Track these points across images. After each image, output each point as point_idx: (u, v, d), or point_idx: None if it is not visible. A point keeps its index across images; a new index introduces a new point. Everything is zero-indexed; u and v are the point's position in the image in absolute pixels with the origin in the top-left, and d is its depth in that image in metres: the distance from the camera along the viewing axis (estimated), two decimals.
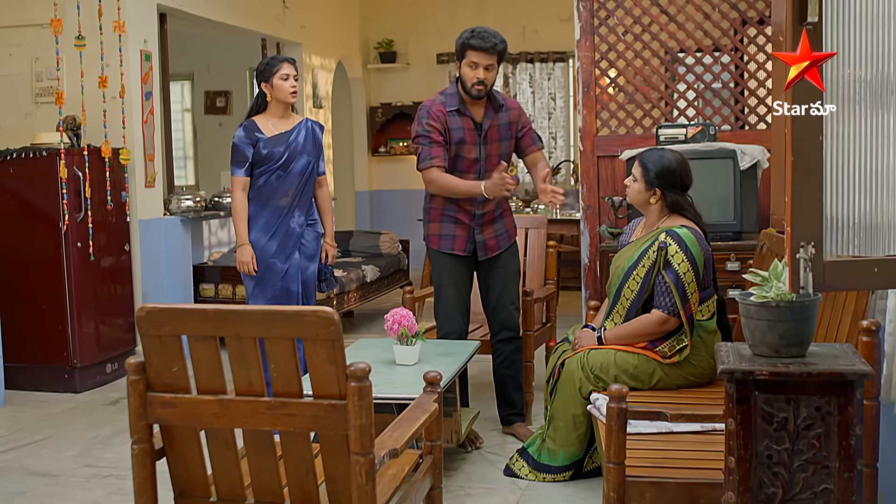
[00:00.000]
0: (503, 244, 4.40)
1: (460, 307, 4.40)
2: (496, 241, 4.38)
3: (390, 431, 2.54)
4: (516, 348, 4.46)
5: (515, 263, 4.48)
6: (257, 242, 4.51)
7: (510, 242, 4.43)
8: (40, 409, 5.28)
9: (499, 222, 4.39)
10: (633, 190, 3.73)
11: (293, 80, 4.52)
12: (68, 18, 5.62)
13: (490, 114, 4.29)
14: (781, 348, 2.21)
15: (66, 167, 5.45)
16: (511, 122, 4.35)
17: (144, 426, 2.41)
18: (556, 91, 10.11)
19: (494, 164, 4.26)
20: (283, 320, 2.22)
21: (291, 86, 4.51)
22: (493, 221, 4.37)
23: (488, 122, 4.28)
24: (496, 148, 4.30)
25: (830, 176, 2.08)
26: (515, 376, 4.49)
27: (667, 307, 3.50)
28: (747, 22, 5.36)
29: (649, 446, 3.03)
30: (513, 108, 4.38)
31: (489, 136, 4.29)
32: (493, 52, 4.16)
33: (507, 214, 4.45)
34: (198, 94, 10.62)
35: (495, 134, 4.30)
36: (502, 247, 4.40)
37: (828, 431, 2.15)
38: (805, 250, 2.04)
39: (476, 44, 4.15)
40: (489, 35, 4.17)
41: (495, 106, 4.31)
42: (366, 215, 10.75)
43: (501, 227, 4.40)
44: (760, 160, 4.80)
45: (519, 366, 4.50)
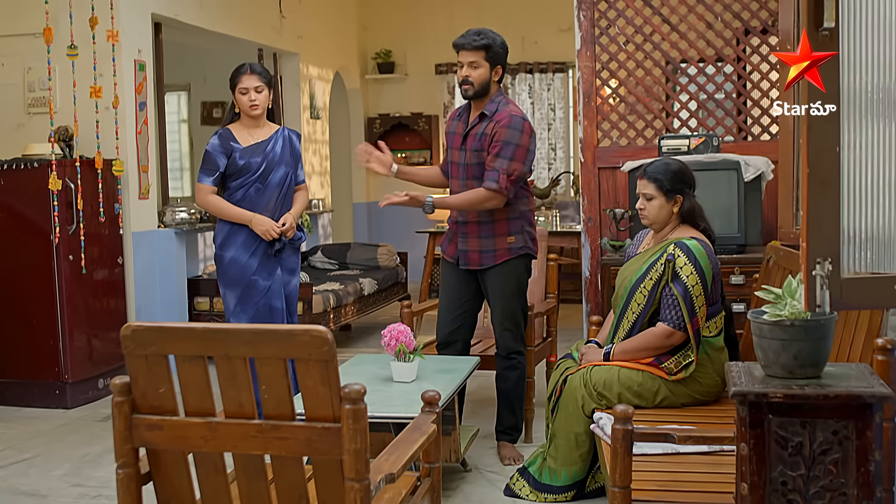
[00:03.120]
0: (487, 262, 4.19)
1: (447, 316, 4.31)
2: (479, 255, 4.20)
3: (387, 455, 2.44)
4: (509, 366, 4.31)
5: (510, 285, 4.22)
6: (238, 260, 4.38)
7: (495, 262, 4.18)
8: (30, 425, 5.17)
9: (486, 238, 4.18)
10: (653, 208, 3.58)
11: (253, 92, 4.37)
12: (61, 27, 5.53)
13: (475, 121, 4.17)
14: (796, 369, 2.11)
15: (58, 179, 5.36)
16: (486, 133, 4.10)
17: (130, 450, 2.30)
18: (555, 102, 10.04)
19: (473, 173, 4.14)
20: (274, 339, 2.12)
21: (250, 100, 4.37)
22: (479, 236, 4.18)
23: (470, 128, 4.17)
24: (472, 157, 4.15)
25: (847, 188, 1.99)
26: (505, 393, 4.36)
27: (673, 320, 3.40)
28: (750, 31, 5.28)
29: (655, 468, 2.93)
30: (494, 121, 4.08)
31: (468, 143, 4.17)
32: (471, 47, 4.05)
33: (501, 234, 4.17)
34: (194, 105, 10.53)
35: (472, 142, 4.16)
36: (485, 264, 4.19)
37: (845, 457, 2.05)
38: (822, 267, 1.95)
39: (457, 41, 4.10)
40: (471, 32, 4.09)
41: (482, 113, 4.14)
42: (364, 227, 10.65)
43: (489, 244, 4.18)
44: (765, 171, 4.71)
45: (512, 384, 4.33)
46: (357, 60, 10.42)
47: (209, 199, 4.39)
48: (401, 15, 10.50)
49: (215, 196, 4.40)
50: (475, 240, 4.21)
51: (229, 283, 4.41)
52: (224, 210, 4.38)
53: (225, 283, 4.42)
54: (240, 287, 4.39)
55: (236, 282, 4.39)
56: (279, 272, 4.47)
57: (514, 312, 4.27)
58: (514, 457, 4.27)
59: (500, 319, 4.26)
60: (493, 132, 4.07)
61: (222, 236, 4.43)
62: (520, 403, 4.39)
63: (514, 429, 4.40)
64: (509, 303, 4.26)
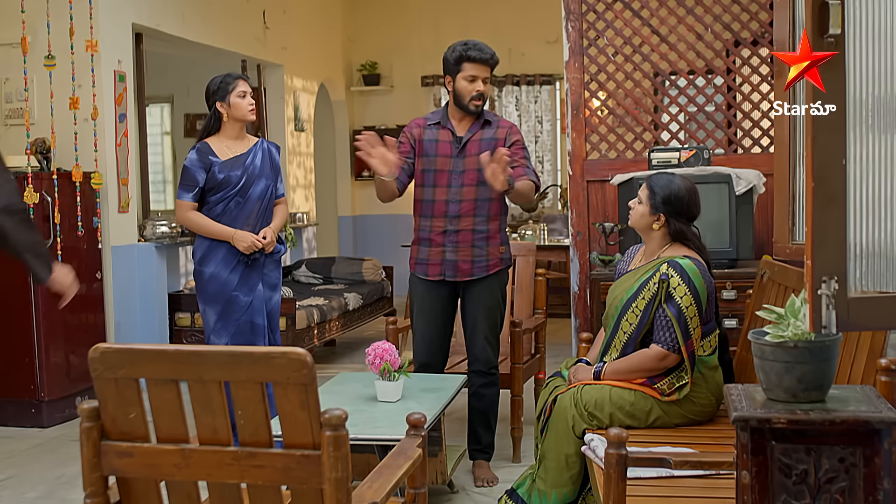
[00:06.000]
0: (478, 272, 4.12)
1: (426, 337, 4.20)
2: (471, 265, 4.11)
3: (370, 482, 2.33)
4: (488, 383, 4.22)
5: (497, 297, 4.19)
6: (218, 276, 4.26)
7: (488, 273, 4.13)
8: (4, 445, 5.02)
9: (480, 248, 4.11)
10: (636, 213, 3.53)
11: (250, 97, 4.33)
12: (38, 37, 5.42)
13: (474, 128, 4.12)
14: (799, 392, 2.01)
15: (35, 192, 5.23)
16: (497, 137, 4.11)
17: (99, 478, 2.18)
18: (542, 114, 9.97)
19: (472, 179, 4.06)
20: (250, 362, 2.01)
21: (249, 103, 4.31)
22: (473, 245, 4.10)
23: (469, 135, 4.10)
24: (474, 162, 4.05)
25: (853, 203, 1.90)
26: (483, 411, 4.25)
27: (667, 342, 3.30)
28: (741, 43, 5.21)
29: (649, 492, 2.82)
30: (503, 126, 4.17)
31: (468, 150, 4.09)
32: (491, 62, 4.08)
33: (494, 243, 4.15)
34: (177, 117, 10.42)
35: (475, 147, 4.08)
36: (477, 274, 4.12)
37: (852, 485, 1.95)
38: (827, 285, 1.85)
39: (475, 55, 4.02)
40: (484, 46, 4.08)
41: (482, 121, 4.13)
42: (349, 241, 10.54)
43: (482, 253, 4.12)
44: (756, 185, 4.63)
45: (489, 402, 4.24)
46: (342, 72, 10.33)
47: (189, 216, 4.28)
48: (387, 26, 10.42)
49: (196, 213, 4.29)
50: (468, 249, 4.11)
51: (209, 300, 4.28)
52: (205, 227, 4.27)
53: (205, 300, 4.30)
54: (220, 303, 4.27)
55: (216, 298, 4.27)
56: (260, 288, 4.35)
57: (496, 324, 4.21)
58: (488, 478, 4.19)
59: (484, 332, 4.18)
60: (506, 135, 4.13)
61: (202, 251, 4.31)
62: (495, 420, 4.31)
63: (490, 447, 4.31)
64: (493, 314, 4.19)
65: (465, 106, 4.05)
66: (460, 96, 4.05)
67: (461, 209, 4.08)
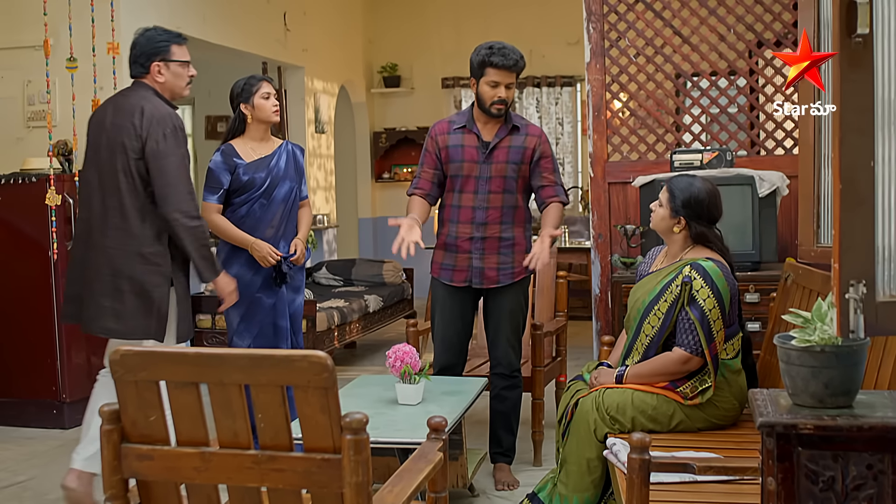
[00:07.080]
0: (504, 280, 4.10)
1: (447, 341, 4.17)
2: (496, 273, 4.09)
3: (391, 486, 2.31)
4: (510, 385, 4.21)
5: (521, 301, 4.19)
6: (242, 277, 4.24)
7: (513, 280, 4.11)
8: (26, 446, 5.04)
9: (506, 255, 4.09)
10: (657, 216, 3.51)
11: (274, 99, 4.33)
12: (60, 40, 5.44)
13: (501, 133, 4.07)
14: (826, 398, 1.98)
15: (57, 193, 5.24)
16: (526, 146, 4.07)
17: (119, 481, 2.17)
18: (563, 116, 9.94)
19: (498, 186, 4.04)
20: (270, 365, 1.99)
21: (273, 104, 4.32)
22: (499, 252, 4.09)
23: (497, 140, 4.06)
24: (502, 169, 4.04)
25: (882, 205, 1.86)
26: (506, 414, 4.24)
27: (690, 346, 3.27)
28: (764, 44, 5.17)
29: (672, 498, 2.79)
30: (532, 135, 4.10)
31: (495, 156, 4.05)
32: (515, 69, 3.98)
33: (520, 250, 4.10)
34: (198, 119, 10.45)
35: (503, 155, 4.05)
36: (503, 282, 4.10)
37: (880, 492, 1.91)
38: (855, 289, 1.82)
39: (498, 61, 3.94)
40: (509, 51, 3.98)
41: (510, 126, 4.08)
42: (369, 243, 10.54)
43: (508, 260, 4.09)
44: (780, 187, 4.60)
45: (511, 404, 4.22)
46: (363, 74, 10.33)
47: (213, 219, 4.28)
48: (407, 28, 10.42)
49: (219, 216, 4.29)
50: (493, 256, 4.09)
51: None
52: (226, 231, 4.28)
53: None
54: (244, 305, 4.27)
55: (240, 300, 4.27)
56: (284, 290, 4.36)
57: (518, 328, 4.20)
58: (509, 482, 4.17)
59: (507, 335, 4.17)
60: (535, 146, 4.08)
61: (225, 253, 4.32)
62: (517, 423, 4.29)
63: (512, 450, 4.30)
64: (516, 318, 4.18)
65: (487, 110, 4.02)
66: (482, 100, 4.01)
67: (488, 216, 4.06)
